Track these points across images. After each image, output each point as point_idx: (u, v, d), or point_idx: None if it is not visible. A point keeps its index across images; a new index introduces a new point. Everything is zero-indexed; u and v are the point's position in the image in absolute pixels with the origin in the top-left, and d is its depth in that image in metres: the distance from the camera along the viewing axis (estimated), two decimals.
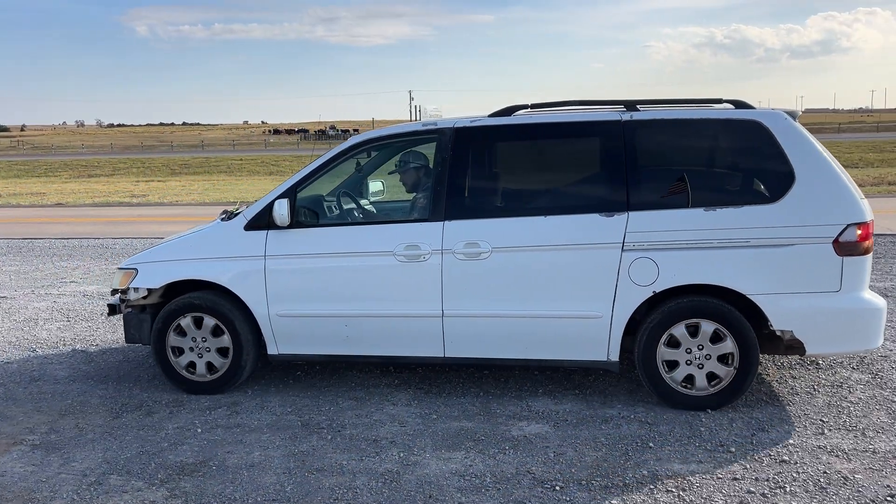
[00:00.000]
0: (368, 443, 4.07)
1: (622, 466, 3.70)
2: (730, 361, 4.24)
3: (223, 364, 4.79)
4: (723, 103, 4.51)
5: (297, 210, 4.57)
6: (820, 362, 5.14)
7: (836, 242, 4.06)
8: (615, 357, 4.37)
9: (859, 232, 4.06)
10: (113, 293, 5.12)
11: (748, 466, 3.65)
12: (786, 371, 5.01)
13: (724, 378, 4.26)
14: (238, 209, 5.06)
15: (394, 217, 5.34)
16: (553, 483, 3.55)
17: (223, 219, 4.99)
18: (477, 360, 4.58)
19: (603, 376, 4.95)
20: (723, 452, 3.81)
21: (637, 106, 4.50)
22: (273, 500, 3.46)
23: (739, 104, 4.45)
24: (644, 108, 4.49)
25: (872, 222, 4.14)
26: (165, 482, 3.67)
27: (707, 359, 4.26)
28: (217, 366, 4.81)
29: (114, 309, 5.16)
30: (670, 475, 3.59)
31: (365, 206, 5.52)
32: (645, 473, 3.62)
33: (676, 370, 4.31)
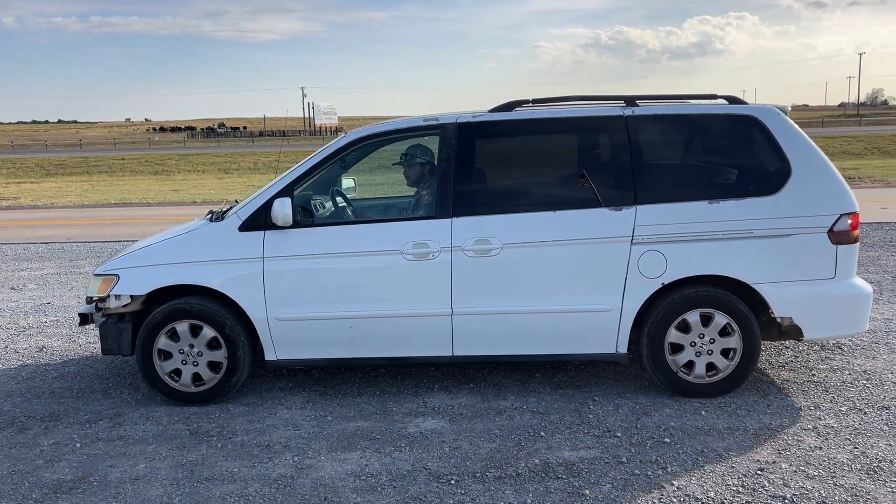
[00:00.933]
0: (261, 448, 3.97)
1: (515, 457, 3.78)
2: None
3: (212, 378, 4.54)
4: (717, 98, 4.65)
5: (294, 209, 4.38)
6: None
7: (831, 232, 4.27)
8: (623, 349, 4.42)
9: (850, 221, 4.29)
10: (88, 301, 4.75)
11: (633, 450, 3.82)
12: None
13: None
14: (224, 208, 4.82)
15: (398, 215, 5.20)
16: (448, 477, 3.58)
17: (211, 219, 4.73)
18: (486, 358, 4.53)
19: (497, 369, 5.05)
20: (610, 437, 3.97)
21: (636, 101, 4.57)
22: None
23: (732, 99, 4.59)
24: (643, 104, 4.57)
25: (859, 212, 4.38)
26: (40, 502, 3.45)
27: (710, 353, 4.38)
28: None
29: (86, 318, 4.78)
30: (561, 462, 3.70)
31: (364, 205, 5.35)
32: (537, 462, 3.71)
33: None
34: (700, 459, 3.69)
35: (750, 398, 4.44)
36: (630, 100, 4.59)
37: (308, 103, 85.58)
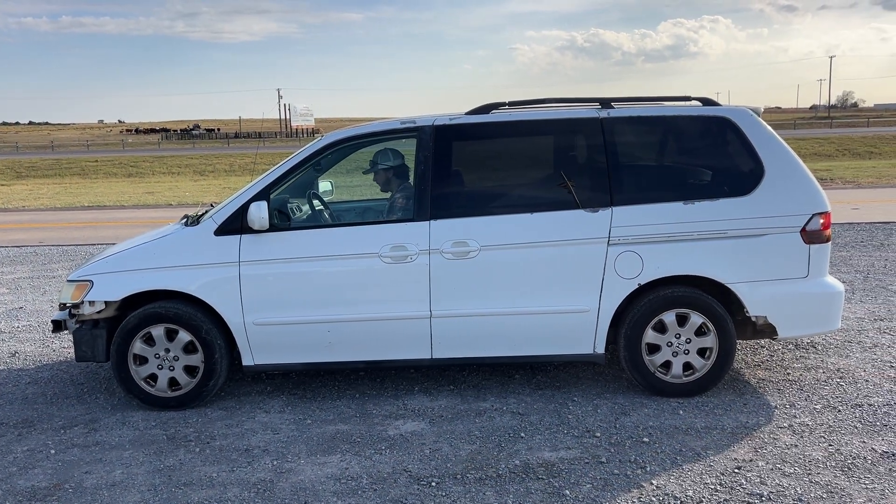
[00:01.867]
0: (240, 453, 3.94)
1: (496, 458, 3.79)
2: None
3: (189, 383, 4.48)
4: (691, 100, 4.69)
5: (270, 213, 4.34)
6: None
7: (804, 231, 4.33)
8: (601, 349, 4.45)
9: (822, 221, 4.35)
10: (62, 308, 4.66)
11: (612, 450, 3.84)
12: None
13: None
14: (199, 212, 4.74)
15: (376, 218, 5.16)
16: (429, 479, 3.58)
17: (185, 223, 4.66)
18: (465, 360, 4.52)
19: (476, 370, 5.05)
20: (589, 438, 3.99)
21: (612, 104, 4.59)
22: None
23: (706, 101, 4.63)
24: (619, 106, 4.59)
25: (831, 212, 4.43)
26: None
27: (686, 353, 4.42)
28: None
29: (60, 325, 4.67)
30: (541, 463, 3.71)
31: (341, 208, 5.30)
32: (517, 463, 3.72)
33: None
34: (678, 458, 3.72)
35: (727, 397, 4.48)
36: (606, 102, 4.62)
37: (284, 105, 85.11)
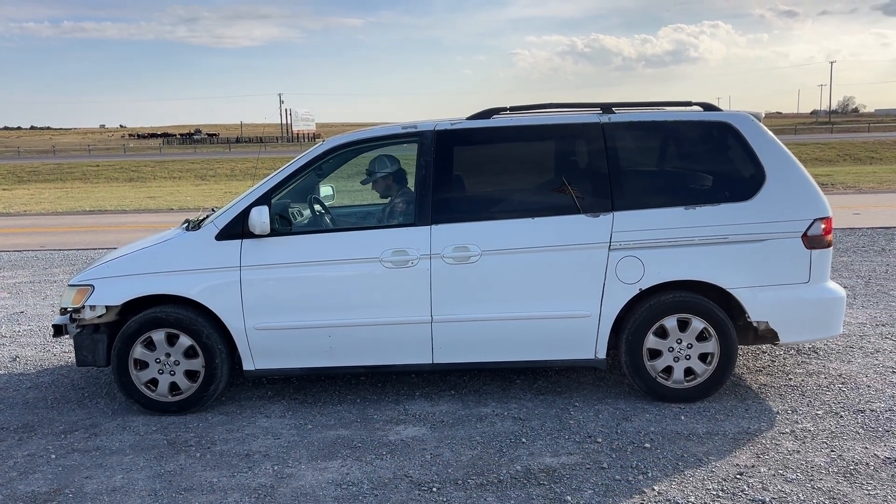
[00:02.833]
0: (240, 458, 3.93)
1: (497, 463, 3.78)
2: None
3: (189, 387, 4.47)
4: (692, 105, 4.69)
5: (271, 217, 4.34)
6: None
7: (805, 236, 4.32)
8: (602, 355, 4.44)
9: (824, 226, 4.34)
10: (62, 312, 4.65)
11: (614, 455, 3.83)
12: None
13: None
14: (200, 217, 4.74)
15: (376, 222, 5.16)
16: (430, 485, 3.57)
17: (187, 228, 4.66)
18: (466, 365, 4.51)
19: (477, 375, 5.05)
20: (590, 443, 3.98)
21: (613, 108, 4.59)
22: None
23: (707, 106, 4.63)
24: (620, 111, 4.59)
25: (832, 217, 4.43)
26: None
27: (688, 358, 4.40)
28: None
29: (60, 329, 4.67)
30: (542, 469, 3.70)
31: (342, 212, 5.27)
32: (518, 469, 3.71)
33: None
34: (680, 464, 3.71)
35: (728, 403, 4.47)
36: (607, 107, 4.62)
37: (286, 110, 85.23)
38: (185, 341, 4.43)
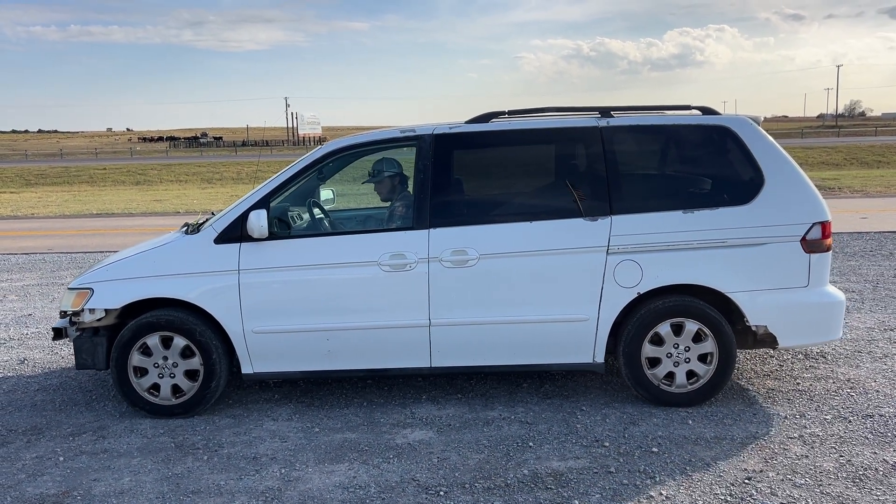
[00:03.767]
0: (248, 461, 3.94)
1: (504, 467, 3.77)
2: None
3: (191, 387, 4.48)
4: (691, 109, 4.68)
5: (270, 221, 4.36)
6: None
7: (804, 240, 4.31)
8: (601, 358, 4.43)
9: (823, 230, 4.34)
10: (62, 315, 4.66)
11: (621, 460, 3.82)
12: None
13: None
14: (200, 221, 4.76)
15: (375, 226, 5.17)
16: (437, 489, 3.57)
17: (186, 231, 4.68)
18: (464, 369, 4.51)
19: (484, 379, 5.04)
20: (598, 447, 3.97)
21: (611, 112, 4.60)
22: None
23: (706, 110, 4.62)
24: (618, 115, 4.59)
25: (832, 221, 4.41)
26: None
27: (687, 361, 4.40)
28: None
29: (60, 333, 4.68)
30: (550, 472, 3.70)
31: (341, 216, 5.27)
32: (526, 472, 3.71)
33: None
34: (688, 469, 3.70)
35: (736, 407, 4.46)
36: (605, 111, 4.62)
37: (291, 113, 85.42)
38: (180, 342, 4.44)
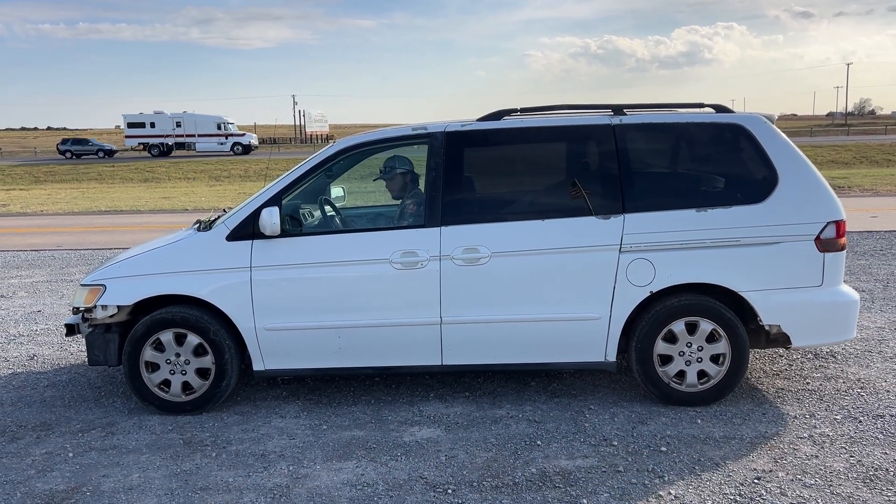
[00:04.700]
0: (256, 458, 3.94)
1: (512, 466, 3.77)
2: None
3: (202, 385, 4.50)
4: (704, 107, 4.65)
5: (282, 218, 4.36)
6: None
7: (818, 239, 4.28)
8: (612, 357, 4.42)
9: (837, 229, 4.31)
10: (74, 312, 4.68)
11: (629, 459, 3.81)
12: None
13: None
14: (212, 218, 4.77)
15: (386, 224, 5.16)
16: (445, 487, 3.56)
17: (198, 229, 4.69)
18: (475, 367, 4.50)
19: (492, 377, 5.04)
20: (606, 446, 3.96)
21: (624, 110, 4.58)
22: None
23: (719, 108, 4.59)
24: (631, 112, 4.58)
25: (846, 220, 4.38)
26: None
27: (699, 361, 4.37)
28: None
29: (73, 329, 4.71)
30: (558, 471, 3.69)
31: (352, 214, 5.27)
32: (534, 471, 3.70)
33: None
34: (697, 468, 3.69)
35: (745, 407, 4.44)
36: (618, 108, 4.60)
37: (299, 111, 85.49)
38: (193, 339, 4.45)
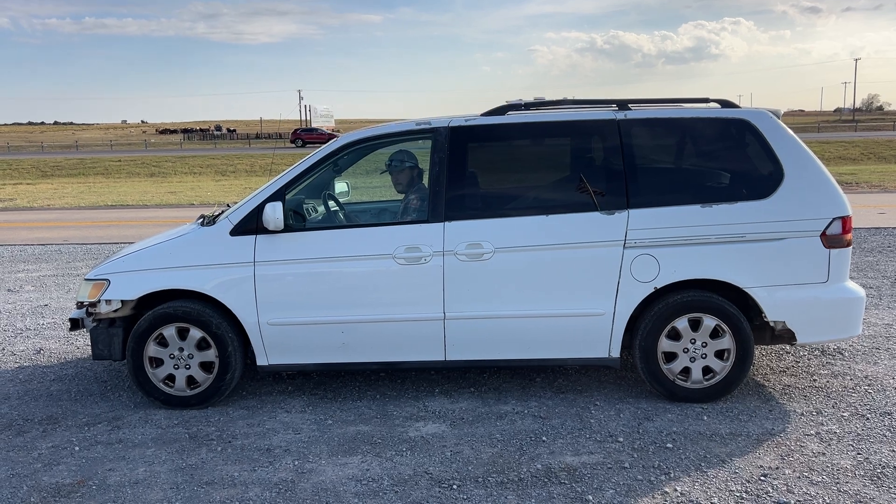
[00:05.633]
0: (261, 452, 3.95)
1: (517, 461, 3.76)
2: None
3: (206, 379, 4.50)
4: (709, 102, 4.64)
5: (285, 213, 4.36)
6: None
7: (824, 235, 4.26)
8: (616, 353, 4.41)
9: (843, 225, 4.28)
10: (79, 306, 4.69)
11: (635, 455, 3.80)
12: None
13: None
14: (215, 213, 4.78)
15: (390, 219, 5.15)
16: (450, 482, 3.56)
17: (202, 223, 4.69)
18: (478, 363, 4.49)
19: (497, 373, 5.03)
20: (612, 443, 3.95)
21: (629, 105, 4.56)
22: None
23: (725, 103, 4.58)
24: (636, 108, 4.55)
25: (852, 216, 4.36)
26: None
27: (704, 357, 4.36)
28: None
29: (77, 323, 4.73)
30: (563, 467, 3.68)
31: (356, 209, 5.27)
32: (539, 467, 3.69)
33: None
34: (703, 465, 3.68)
35: (752, 403, 4.42)
36: (623, 104, 4.58)
37: (305, 106, 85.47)
38: (196, 333, 4.46)
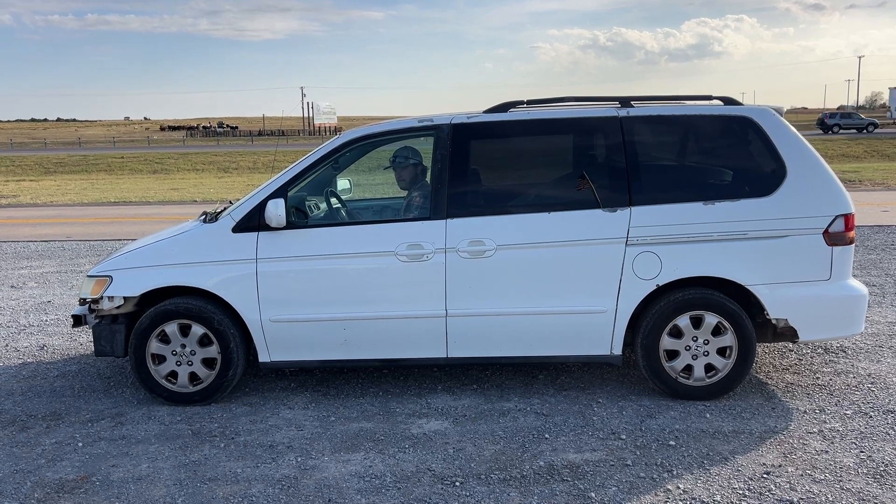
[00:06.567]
0: (264, 449, 3.95)
1: (520, 458, 3.76)
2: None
3: (208, 375, 4.51)
4: (712, 100, 4.63)
5: (288, 210, 4.35)
6: None
7: (826, 233, 4.25)
8: (618, 351, 4.41)
9: (845, 223, 4.27)
10: (81, 303, 4.69)
11: (638, 453, 3.80)
12: None
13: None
14: (218, 209, 4.77)
15: (392, 216, 5.14)
16: (453, 479, 3.56)
17: (204, 220, 4.70)
18: (480, 360, 4.50)
19: (500, 370, 5.03)
20: (614, 440, 3.95)
21: (631, 102, 4.55)
22: None
23: (728, 100, 4.57)
24: (638, 105, 4.55)
25: (855, 213, 4.35)
26: (43, 501, 3.44)
27: (706, 354, 4.35)
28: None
29: (79, 320, 4.74)
30: (566, 465, 3.68)
31: (358, 206, 5.27)
32: (542, 464, 3.70)
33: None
34: (706, 462, 3.68)
35: (755, 401, 4.42)
36: (625, 101, 4.57)
37: (307, 103, 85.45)
38: (198, 330, 4.46)
